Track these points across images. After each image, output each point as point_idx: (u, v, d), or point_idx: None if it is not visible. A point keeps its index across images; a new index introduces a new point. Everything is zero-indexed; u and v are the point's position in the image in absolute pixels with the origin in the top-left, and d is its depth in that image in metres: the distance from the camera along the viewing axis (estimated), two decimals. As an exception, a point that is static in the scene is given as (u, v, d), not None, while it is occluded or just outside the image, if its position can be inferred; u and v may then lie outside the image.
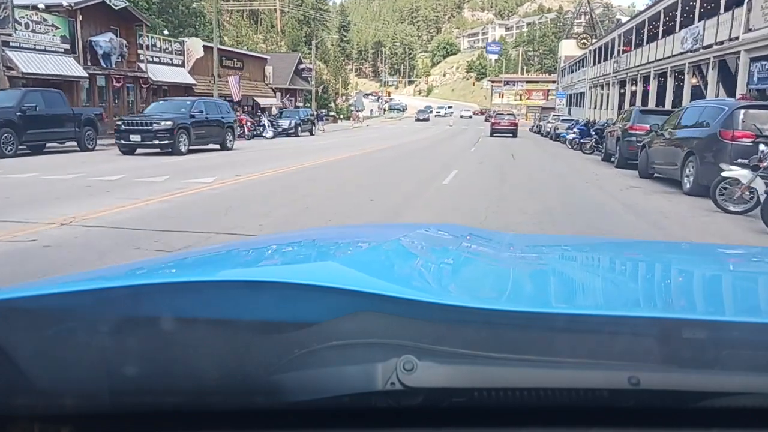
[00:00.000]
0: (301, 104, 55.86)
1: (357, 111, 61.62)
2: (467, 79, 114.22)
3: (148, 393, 0.69)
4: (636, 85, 31.27)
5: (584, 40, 57.24)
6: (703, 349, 0.74)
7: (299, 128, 30.29)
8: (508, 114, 36.11)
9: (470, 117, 75.09)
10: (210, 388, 0.69)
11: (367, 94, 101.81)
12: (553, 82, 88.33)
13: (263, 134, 26.76)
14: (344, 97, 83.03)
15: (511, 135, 32.64)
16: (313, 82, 46.21)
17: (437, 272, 1.10)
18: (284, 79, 49.51)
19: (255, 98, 37.29)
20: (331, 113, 61.41)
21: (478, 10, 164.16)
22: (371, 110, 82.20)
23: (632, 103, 30.83)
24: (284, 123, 30.09)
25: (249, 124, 26.16)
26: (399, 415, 0.69)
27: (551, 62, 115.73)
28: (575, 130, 23.87)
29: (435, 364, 0.68)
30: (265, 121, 27.85)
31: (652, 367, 0.70)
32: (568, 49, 58.80)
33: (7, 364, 0.67)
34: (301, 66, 56.22)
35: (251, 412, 0.70)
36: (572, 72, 54.47)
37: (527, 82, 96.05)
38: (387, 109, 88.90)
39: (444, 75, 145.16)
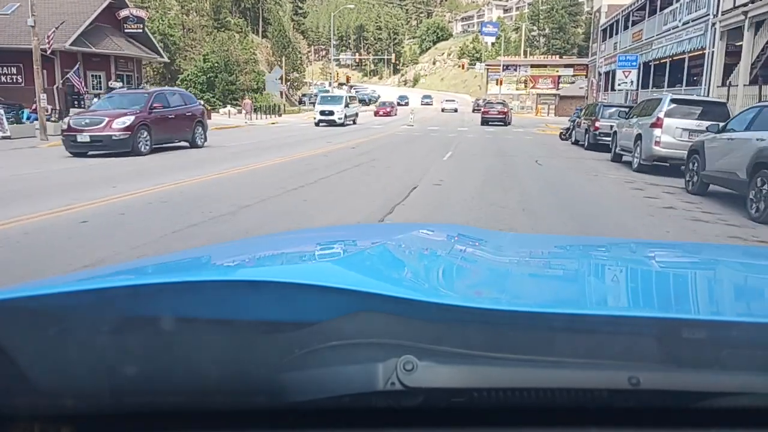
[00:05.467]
0: (119, 84, 22.96)
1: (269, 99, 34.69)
2: (459, 66, 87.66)
3: (148, 393, 0.71)
4: None
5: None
6: (702, 349, 0.76)
7: None
8: (497, 103, 36.57)
9: (454, 111, 60.19)
10: (210, 388, 0.71)
11: (341, 84, 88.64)
12: (566, 66, 71.64)
13: None
14: (289, 84, 65.73)
15: (501, 123, 33.46)
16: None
17: (437, 272, 1.10)
18: (66, 34, 19.40)
19: None
20: (199, 103, 31.11)
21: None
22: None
23: None
24: None
25: None
26: (399, 415, 0.71)
27: (561, 43, 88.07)
28: None
29: (435, 364, 0.69)
30: None
31: (652, 367, 0.71)
32: (611, -5, 31.44)
33: (7, 364, 0.68)
34: (122, 14, 23.09)
35: (252, 412, 0.71)
36: (631, 27, 31.12)
37: (532, 66, 78.50)
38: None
39: (434, 63, 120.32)
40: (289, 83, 62.39)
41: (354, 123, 32.96)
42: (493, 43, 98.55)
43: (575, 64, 70.48)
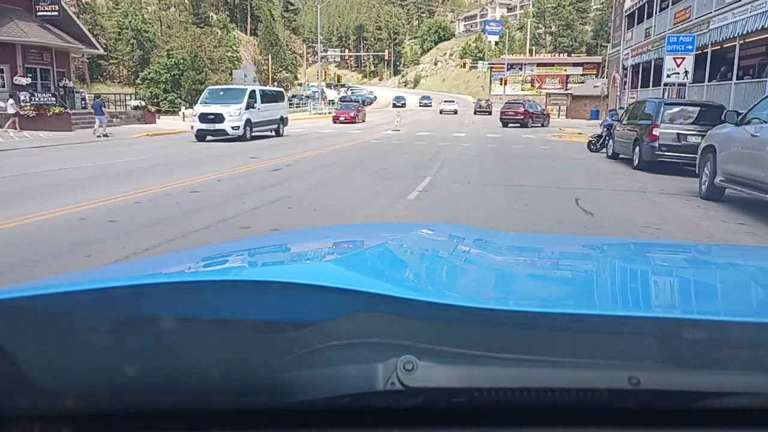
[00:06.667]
0: (27, 80, 13.95)
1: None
2: (461, 66, 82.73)
3: (148, 393, 0.71)
4: None
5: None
6: (703, 349, 0.77)
7: None
8: (516, 103, 36.01)
9: (454, 112, 53.69)
10: (210, 388, 0.71)
11: (335, 85, 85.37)
12: (575, 64, 67.47)
13: None
14: (277, 83, 58.43)
15: (519, 125, 31.86)
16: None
17: (437, 272, 1.11)
18: None
19: None
20: (136, 105, 25.27)
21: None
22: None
23: None
24: None
25: None
26: (399, 415, 0.71)
27: (568, 41, 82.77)
28: None
29: (435, 364, 0.69)
30: None
31: (652, 367, 0.71)
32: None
33: (7, 363, 0.69)
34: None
35: (252, 412, 0.72)
36: (671, 6, 24.41)
37: (538, 65, 74.70)
38: (338, 100, 55.32)
39: (435, 63, 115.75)
40: (277, 83, 56.58)
41: (277, 134, 21.32)
42: (496, 42, 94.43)
43: (585, 62, 65.17)
